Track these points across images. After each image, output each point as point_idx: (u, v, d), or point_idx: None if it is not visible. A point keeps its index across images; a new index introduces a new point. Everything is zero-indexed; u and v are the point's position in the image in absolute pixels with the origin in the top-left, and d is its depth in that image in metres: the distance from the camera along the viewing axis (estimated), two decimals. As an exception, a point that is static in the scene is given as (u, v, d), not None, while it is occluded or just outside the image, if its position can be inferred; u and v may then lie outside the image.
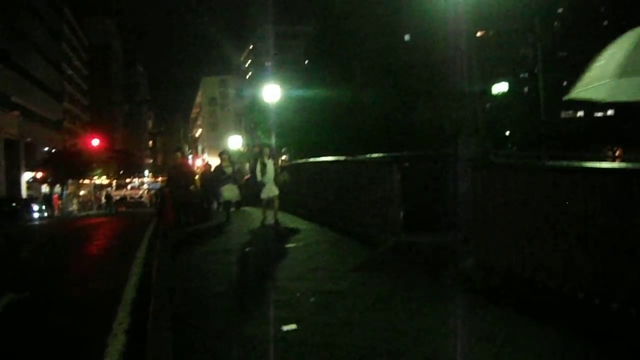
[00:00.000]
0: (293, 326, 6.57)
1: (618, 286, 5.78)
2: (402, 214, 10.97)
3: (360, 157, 14.79)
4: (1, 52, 56.97)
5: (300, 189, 18.33)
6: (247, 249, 12.51)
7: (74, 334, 7.49)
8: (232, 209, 19.52)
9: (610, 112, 77.99)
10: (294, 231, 14.40)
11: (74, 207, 68.42)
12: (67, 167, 61.55)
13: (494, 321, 6.46)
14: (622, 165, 6.70)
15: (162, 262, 10.98)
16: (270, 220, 15.98)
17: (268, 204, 16.15)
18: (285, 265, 10.25)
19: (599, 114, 79.26)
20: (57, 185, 63.83)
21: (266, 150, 16.28)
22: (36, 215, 45.88)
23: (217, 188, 18.28)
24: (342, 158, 15.86)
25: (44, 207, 50.06)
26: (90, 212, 60.48)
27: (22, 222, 38.96)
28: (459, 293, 7.63)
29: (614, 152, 59.82)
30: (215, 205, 23.78)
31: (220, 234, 16.03)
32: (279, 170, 15.95)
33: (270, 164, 15.79)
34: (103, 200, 69.49)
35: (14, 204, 44.53)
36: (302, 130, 37.96)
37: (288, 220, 16.91)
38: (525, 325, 6.35)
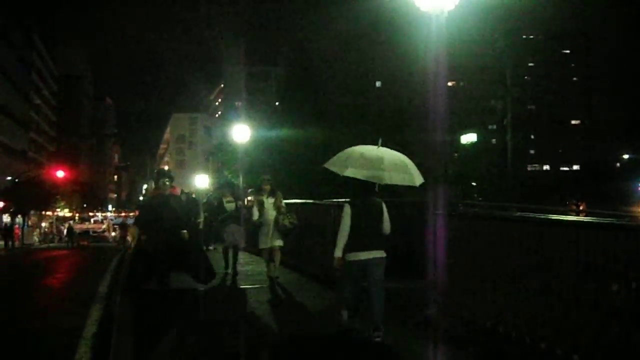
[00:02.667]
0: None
1: (580, 338, 5.83)
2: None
3: (327, 201, 14.72)
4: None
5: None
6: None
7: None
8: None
9: (575, 167, 79.22)
10: (257, 272, 14.11)
11: (35, 239, 67.33)
12: (30, 197, 60.66)
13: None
14: (590, 219, 6.81)
15: None
16: (272, 273, 12.36)
17: (269, 256, 12.44)
18: (252, 308, 10.16)
19: (565, 168, 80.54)
20: (19, 216, 62.80)
21: (266, 187, 12.72)
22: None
23: (216, 229, 14.16)
24: (309, 201, 15.73)
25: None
26: (51, 245, 59.53)
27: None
28: (423, 340, 7.63)
29: (578, 207, 60.76)
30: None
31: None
32: (284, 211, 12.34)
33: (269, 203, 12.43)
34: (65, 233, 68.43)
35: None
36: (272, 171, 37.99)
37: (248, 259, 16.08)
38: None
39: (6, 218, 62.88)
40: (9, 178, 65.71)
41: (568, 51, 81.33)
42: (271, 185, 12.77)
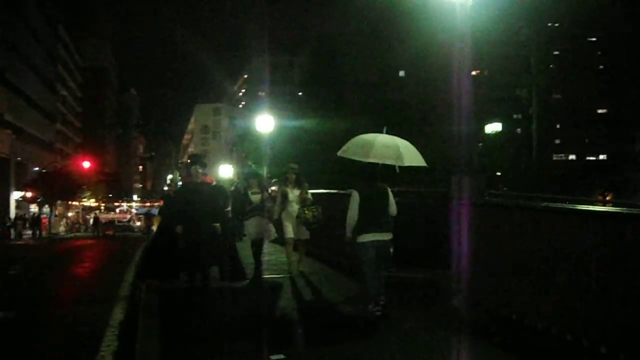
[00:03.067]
0: (281, 356, 6.54)
1: (608, 330, 5.78)
2: (392, 248, 10.97)
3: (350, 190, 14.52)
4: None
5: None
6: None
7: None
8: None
9: (602, 157, 78.25)
10: (280, 262, 13.98)
11: (61, 228, 68.02)
12: (57, 188, 61.24)
13: (482, 358, 6.45)
14: (618, 209, 6.72)
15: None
16: (293, 269, 12.11)
17: (295, 247, 12.25)
18: (275, 297, 10.17)
19: (591, 158, 79.58)
20: (46, 206, 63.47)
21: (291, 177, 12.11)
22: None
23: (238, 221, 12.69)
24: (332, 190, 15.58)
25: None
26: (78, 234, 60.16)
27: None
28: (448, 329, 7.61)
29: (605, 197, 60.11)
30: None
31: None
32: (309, 203, 11.73)
33: (293, 194, 11.93)
34: (91, 222, 69.10)
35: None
36: (295, 161, 37.93)
37: (272, 249, 15.65)
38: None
39: (34, 208, 63.64)
40: (36, 169, 66.41)
41: (594, 39, 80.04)
42: (297, 175, 12.15)
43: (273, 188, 13.77)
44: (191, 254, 10.51)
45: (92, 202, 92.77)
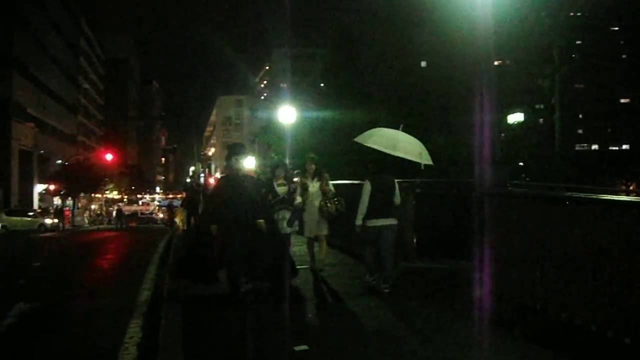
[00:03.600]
0: (304, 347, 6.57)
1: (632, 321, 5.75)
2: (415, 239, 10.97)
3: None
4: (19, 63, 57.46)
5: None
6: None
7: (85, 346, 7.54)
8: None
9: (625, 146, 77.53)
10: (303, 253, 13.89)
11: (84, 220, 68.61)
12: (80, 180, 61.76)
13: (505, 350, 6.45)
14: (641, 199, 6.66)
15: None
16: (319, 264, 11.65)
17: (314, 244, 11.84)
18: (296, 287, 10.20)
19: (614, 148, 78.88)
20: (69, 198, 64.01)
21: (310, 167, 11.60)
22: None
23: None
24: (355, 182, 15.46)
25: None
26: (101, 227, 60.63)
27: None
28: (471, 321, 7.60)
29: (628, 187, 59.65)
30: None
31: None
32: (331, 195, 11.25)
33: (314, 186, 11.42)
34: (114, 215, 69.71)
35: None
36: (317, 152, 37.90)
37: (295, 240, 15.46)
38: (537, 355, 6.33)
39: (57, 200, 64.21)
40: (59, 161, 67.02)
41: (617, 28, 79.21)
42: (316, 165, 11.58)
43: (295, 179, 13.52)
44: (229, 255, 9.36)
45: (114, 195, 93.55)
